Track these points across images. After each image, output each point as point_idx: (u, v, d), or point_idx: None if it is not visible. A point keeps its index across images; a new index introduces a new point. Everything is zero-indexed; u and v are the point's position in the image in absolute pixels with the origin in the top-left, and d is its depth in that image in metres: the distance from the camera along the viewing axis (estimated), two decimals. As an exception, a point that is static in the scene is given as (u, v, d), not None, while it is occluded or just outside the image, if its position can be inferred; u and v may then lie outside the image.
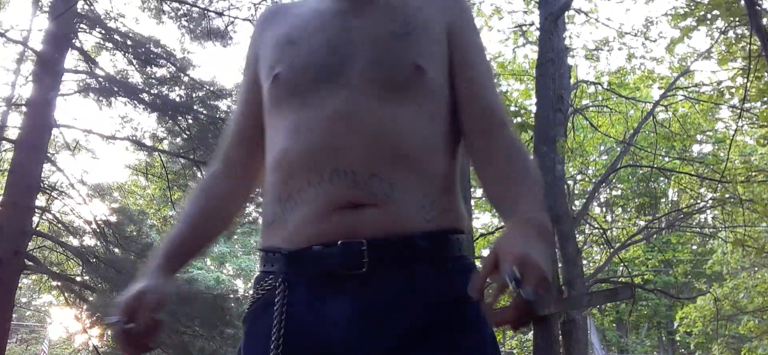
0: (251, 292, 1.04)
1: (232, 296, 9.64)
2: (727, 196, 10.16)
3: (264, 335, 0.95)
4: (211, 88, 8.55)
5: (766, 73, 6.82)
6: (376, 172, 0.95)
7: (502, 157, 1.04)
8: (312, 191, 0.96)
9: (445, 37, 1.09)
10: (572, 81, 9.56)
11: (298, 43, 1.06)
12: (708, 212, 12.99)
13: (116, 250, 8.21)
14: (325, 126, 0.97)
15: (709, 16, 6.60)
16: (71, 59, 8.34)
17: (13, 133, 8.50)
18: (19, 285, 8.17)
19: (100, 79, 8.37)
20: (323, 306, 0.93)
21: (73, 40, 8.03)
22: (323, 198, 0.95)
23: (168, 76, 8.56)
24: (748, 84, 6.41)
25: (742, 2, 5.56)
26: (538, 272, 0.76)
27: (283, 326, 0.93)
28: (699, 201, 11.76)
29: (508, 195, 1.00)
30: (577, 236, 10.21)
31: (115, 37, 8.43)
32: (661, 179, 13.73)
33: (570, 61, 9.52)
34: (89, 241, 8.65)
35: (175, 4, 8.85)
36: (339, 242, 0.93)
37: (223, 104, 8.64)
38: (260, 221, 1.08)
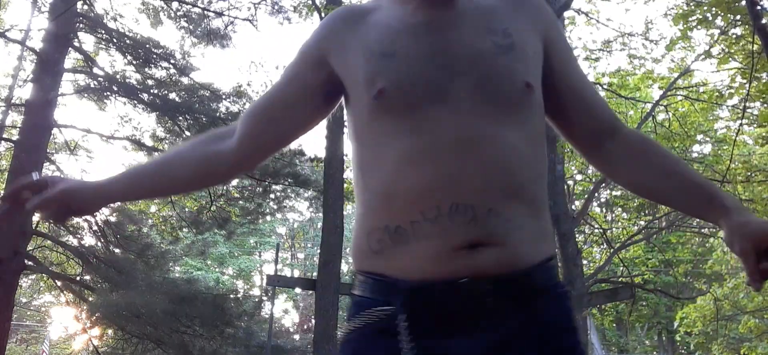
0: (354, 315, 1.00)
1: (232, 296, 9.64)
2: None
3: None
4: (211, 90, 8.55)
5: (765, 74, 6.82)
6: (493, 207, 0.94)
7: (654, 151, 1.10)
8: (428, 226, 0.94)
9: (542, 49, 1.07)
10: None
11: (397, 57, 1.01)
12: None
13: (116, 250, 8.21)
14: (441, 155, 0.95)
15: (709, 15, 6.60)
16: (71, 59, 8.35)
17: (13, 133, 8.51)
18: (19, 285, 8.17)
19: (99, 79, 8.38)
20: (448, 344, 0.93)
21: (73, 40, 8.03)
22: (442, 237, 0.93)
23: (167, 78, 8.56)
24: (749, 84, 6.41)
25: (743, 2, 5.56)
26: None
27: None
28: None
29: (696, 186, 1.05)
30: (577, 236, 10.21)
31: (115, 37, 8.43)
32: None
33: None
34: (89, 241, 8.65)
35: (176, 5, 8.85)
36: (464, 280, 0.92)
37: (222, 106, 8.64)
38: (355, 243, 1.04)
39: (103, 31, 8.43)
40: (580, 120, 1.12)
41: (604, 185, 12.82)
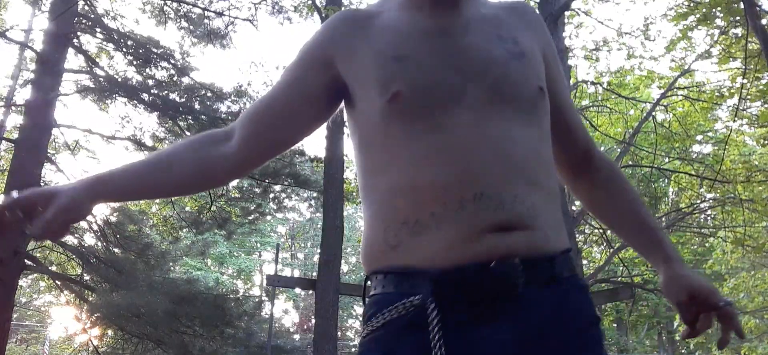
0: (375, 314, 0.96)
1: (232, 296, 9.64)
2: (727, 196, 10.16)
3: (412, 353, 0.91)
4: (212, 90, 8.56)
5: (766, 74, 6.83)
6: (519, 195, 0.93)
7: (616, 185, 1.17)
8: (451, 214, 0.92)
9: (543, 63, 1.10)
10: (572, 81, 9.57)
11: (410, 60, 1.00)
12: (708, 211, 12.99)
13: (116, 250, 8.21)
14: (459, 152, 0.94)
15: (709, 15, 6.60)
16: (77, 58, 8.37)
17: (13, 133, 8.51)
18: (20, 285, 8.17)
19: (100, 79, 8.38)
20: (478, 329, 0.89)
21: (73, 40, 8.03)
22: (468, 221, 0.91)
23: (168, 78, 8.57)
24: (748, 84, 6.41)
25: (742, 3, 5.56)
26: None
27: (443, 346, 0.88)
28: (699, 201, 11.76)
29: (646, 229, 1.14)
30: (577, 236, 10.21)
31: (116, 37, 8.44)
32: (661, 179, 13.74)
33: (570, 61, 9.52)
34: (89, 241, 8.65)
35: (175, 5, 8.86)
36: (493, 263, 0.90)
37: (223, 106, 8.65)
38: (368, 243, 1.01)
39: (104, 31, 8.44)
40: (563, 141, 1.14)
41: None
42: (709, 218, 13.92)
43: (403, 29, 1.04)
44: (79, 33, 8.25)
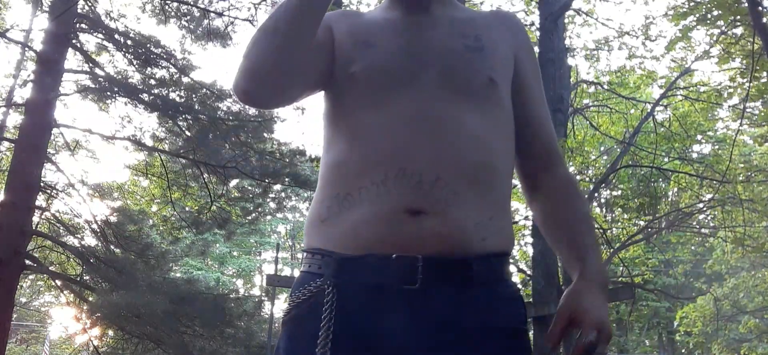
0: (292, 293, 1.01)
1: (232, 296, 9.63)
2: (727, 196, 10.16)
3: (309, 338, 0.93)
4: (212, 90, 8.55)
5: (766, 73, 6.82)
6: (442, 177, 0.94)
7: (564, 199, 1.10)
8: (374, 189, 0.94)
9: (512, 61, 1.13)
10: (572, 81, 9.57)
11: (375, 47, 1.08)
12: (707, 211, 12.99)
13: (116, 250, 8.20)
14: (393, 128, 0.98)
15: (709, 15, 6.60)
16: (76, 59, 8.35)
17: (13, 133, 8.52)
18: (20, 285, 8.17)
19: (100, 79, 8.37)
20: (374, 317, 0.92)
21: (73, 40, 8.02)
22: (385, 199, 0.93)
23: (168, 77, 8.56)
24: (749, 84, 6.41)
25: (744, 2, 5.56)
26: (609, 335, 0.90)
27: (332, 332, 0.91)
28: (699, 201, 11.76)
29: (574, 244, 1.04)
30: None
31: (116, 37, 8.43)
32: (661, 179, 13.73)
33: (570, 61, 9.52)
34: (89, 241, 8.65)
35: (175, 4, 8.85)
36: (394, 256, 0.92)
37: (223, 105, 8.64)
38: (308, 216, 1.06)
39: (104, 31, 8.42)
40: (527, 139, 1.14)
41: (604, 185, 12.82)
42: (709, 218, 13.91)
43: (378, 22, 1.14)
44: (79, 33, 8.25)
